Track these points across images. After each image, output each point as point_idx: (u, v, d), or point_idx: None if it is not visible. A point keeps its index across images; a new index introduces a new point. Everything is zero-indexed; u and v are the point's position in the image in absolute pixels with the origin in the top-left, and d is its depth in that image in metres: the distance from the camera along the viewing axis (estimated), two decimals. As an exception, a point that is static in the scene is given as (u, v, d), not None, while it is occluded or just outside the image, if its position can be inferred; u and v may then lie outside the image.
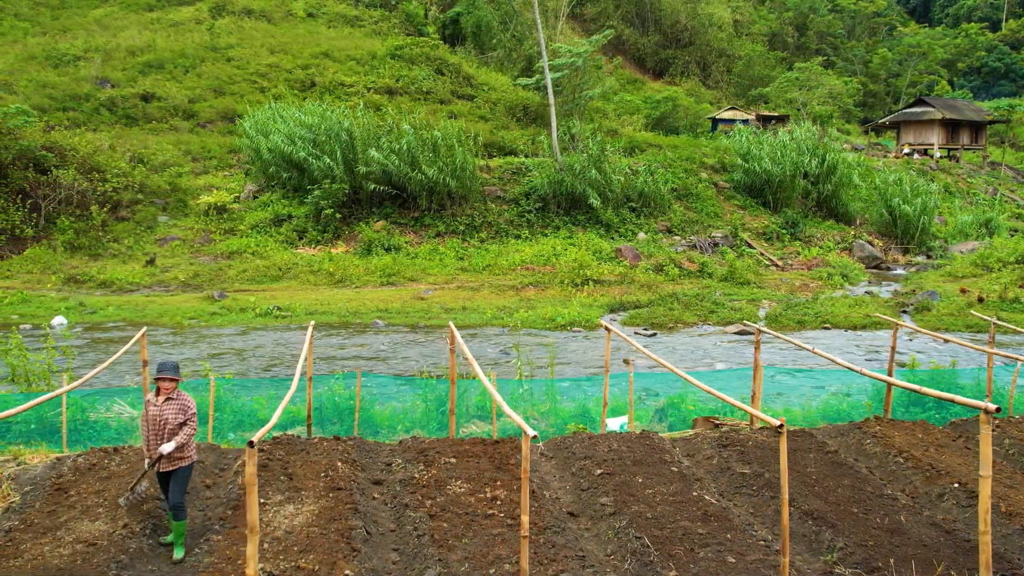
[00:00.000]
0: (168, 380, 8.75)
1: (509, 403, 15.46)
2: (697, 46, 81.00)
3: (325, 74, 53.92)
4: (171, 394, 8.78)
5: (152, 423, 8.75)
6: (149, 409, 8.77)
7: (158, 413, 8.74)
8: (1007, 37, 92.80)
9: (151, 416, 8.76)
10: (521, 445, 11.84)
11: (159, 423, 8.73)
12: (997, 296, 29.34)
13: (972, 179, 51.96)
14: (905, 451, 11.82)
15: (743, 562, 8.62)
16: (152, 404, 8.78)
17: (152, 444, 8.75)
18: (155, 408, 8.75)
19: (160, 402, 8.75)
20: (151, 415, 8.76)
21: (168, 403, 8.76)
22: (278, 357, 21.91)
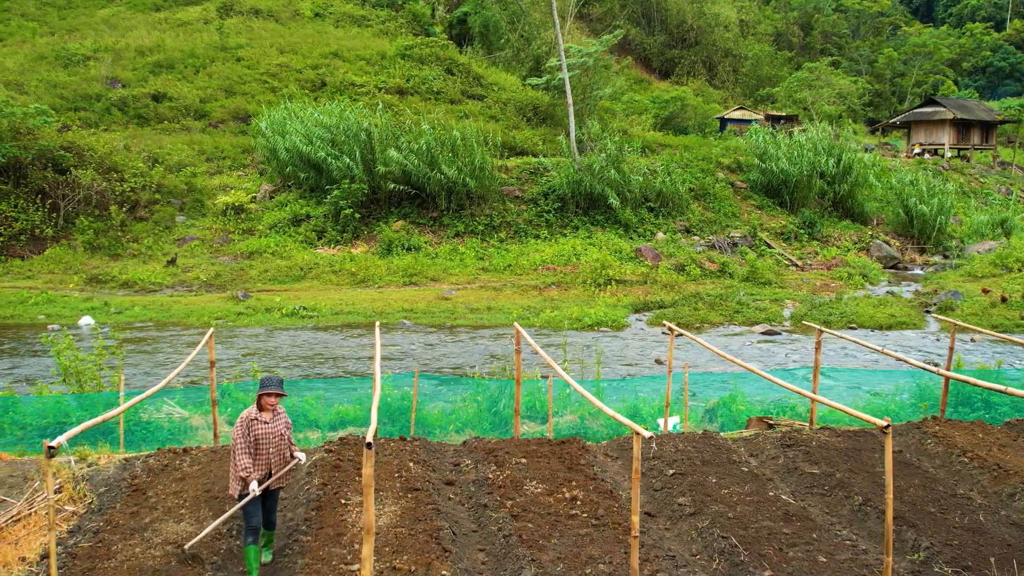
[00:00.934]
0: (275, 396, 8.34)
1: (557, 404, 15.54)
2: (703, 46, 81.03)
3: (336, 74, 53.88)
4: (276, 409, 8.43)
5: (266, 440, 8.25)
6: (256, 427, 8.21)
7: (271, 430, 8.30)
8: (1012, 37, 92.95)
9: (262, 433, 8.23)
10: (589, 446, 11.90)
11: (275, 439, 8.32)
12: (1020, 296, 29.37)
13: (984, 179, 52.05)
14: (969, 451, 11.83)
15: (834, 562, 8.61)
16: (260, 422, 8.25)
17: (274, 462, 8.33)
18: (265, 425, 8.26)
19: (268, 418, 8.31)
20: (261, 433, 8.23)
21: (276, 418, 8.38)
22: (315, 357, 21.88)
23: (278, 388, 8.39)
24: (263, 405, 8.28)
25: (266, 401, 8.28)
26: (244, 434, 8.18)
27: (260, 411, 8.29)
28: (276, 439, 8.31)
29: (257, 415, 8.27)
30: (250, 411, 8.29)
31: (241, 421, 8.22)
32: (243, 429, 8.19)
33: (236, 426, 8.17)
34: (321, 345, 23.26)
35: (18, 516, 9.50)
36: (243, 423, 8.21)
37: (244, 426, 8.20)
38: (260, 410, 8.30)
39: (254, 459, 8.17)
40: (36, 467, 11.05)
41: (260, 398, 8.28)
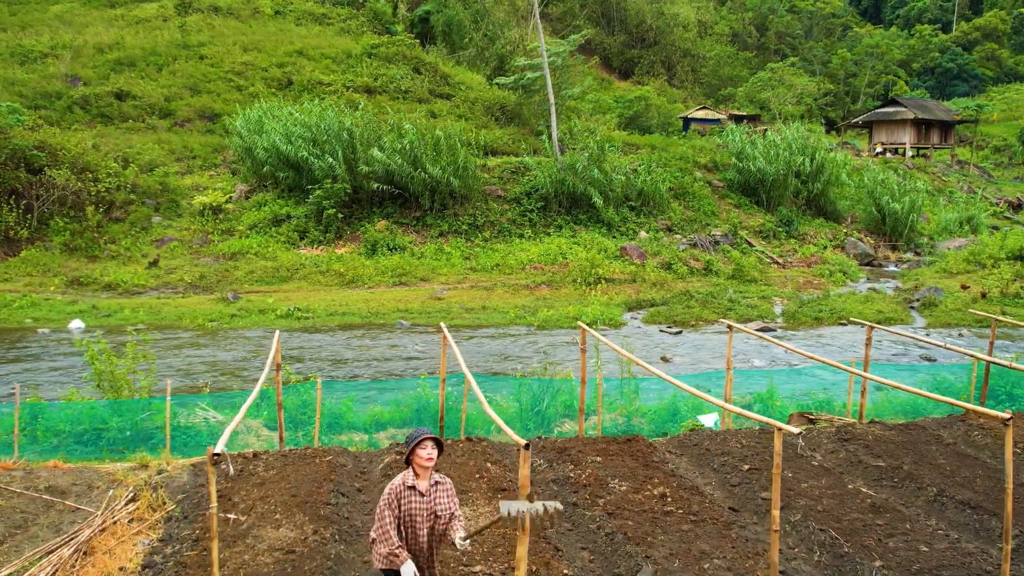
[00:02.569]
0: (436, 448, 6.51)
1: (590, 403, 15.54)
2: (662, 46, 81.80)
3: (302, 72, 53.27)
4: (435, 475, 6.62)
5: (420, 517, 6.47)
6: (410, 501, 6.43)
7: (427, 506, 6.48)
8: (959, 38, 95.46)
9: (416, 510, 6.45)
10: (654, 443, 11.94)
11: (430, 516, 6.51)
12: (999, 291, 30.17)
13: (947, 177, 53.36)
14: (1019, 441, 12.12)
15: (935, 551, 8.77)
16: (416, 492, 6.43)
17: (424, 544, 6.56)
18: (421, 499, 6.45)
19: (425, 487, 6.47)
20: (416, 508, 6.44)
21: (436, 488, 6.55)
22: (327, 359, 21.62)
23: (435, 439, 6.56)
24: (421, 464, 6.43)
25: (424, 459, 6.40)
26: (392, 507, 6.39)
27: (416, 476, 6.45)
28: (431, 518, 6.51)
29: (414, 482, 6.43)
30: (405, 477, 6.44)
31: (392, 490, 6.41)
32: (393, 499, 6.40)
33: (386, 494, 6.44)
34: (327, 347, 22.99)
35: (103, 526, 9.25)
36: (394, 493, 6.40)
37: (394, 497, 6.40)
38: (415, 474, 6.46)
39: (404, 539, 6.47)
40: (98, 475, 10.77)
41: (414, 454, 6.43)
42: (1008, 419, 7.69)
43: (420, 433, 6.47)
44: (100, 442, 13.34)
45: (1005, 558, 7.94)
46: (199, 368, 20.45)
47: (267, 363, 11.06)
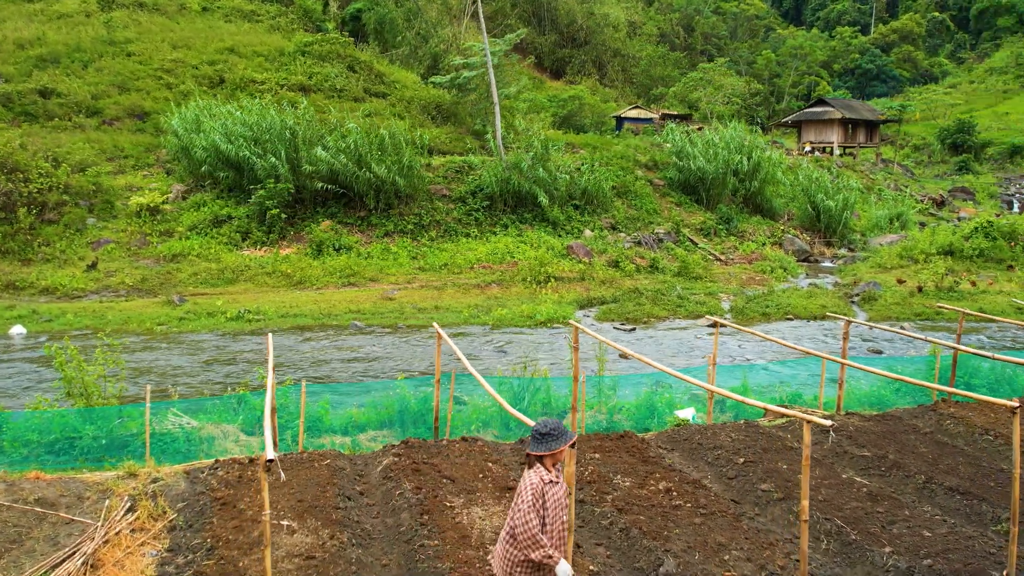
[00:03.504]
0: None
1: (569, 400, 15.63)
2: (593, 46, 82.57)
3: (234, 70, 52.25)
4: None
5: (558, 508, 6.26)
6: (555, 494, 6.22)
7: (563, 494, 6.35)
8: (877, 40, 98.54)
9: (559, 500, 6.25)
10: (645, 438, 12.08)
11: (564, 507, 6.38)
12: (934, 286, 31.24)
13: (875, 176, 55.02)
14: (990, 429, 12.63)
15: (937, 535, 9.06)
16: (554, 484, 6.23)
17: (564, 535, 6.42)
18: (556, 487, 6.25)
19: (556, 476, 6.30)
20: (557, 498, 6.24)
21: (560, 477, 6.40)
22: (287, 362, 21.26)
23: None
24: (559, 459, 6.34)
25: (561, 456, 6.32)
26: (538, 508, 6.07)
27: (547, 470, 6.25)
28: (564, 508, 6.38)
29: (550, 476, 6.22)
30: (540, 473, 6.17)
31: (535, 490, 6.10)
32: (538, 499, 6.08)
33: (529, 489, 6.09)
34: (285, 350, 22.61)
35: (105, 537, 8.96)
36: (538, 492, 6.10)
37: (539, 495, 6.09)
38: (546, 469, 6.26)
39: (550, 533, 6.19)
40: (85, 485, 10.42)
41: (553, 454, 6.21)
42: (1016, 407, 7.99)
43: (568, 432, 6.29)
44: (74, 451, 12.91)
45: (1012, 540, 8.25)
46: (156, 374, 19.92)
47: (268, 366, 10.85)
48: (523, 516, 6.04)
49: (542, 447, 6.17)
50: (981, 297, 30.14)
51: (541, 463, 6.22)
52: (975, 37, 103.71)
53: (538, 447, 6.19)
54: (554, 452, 6.17)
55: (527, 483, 6.12)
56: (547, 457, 6.20)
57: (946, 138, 67.05)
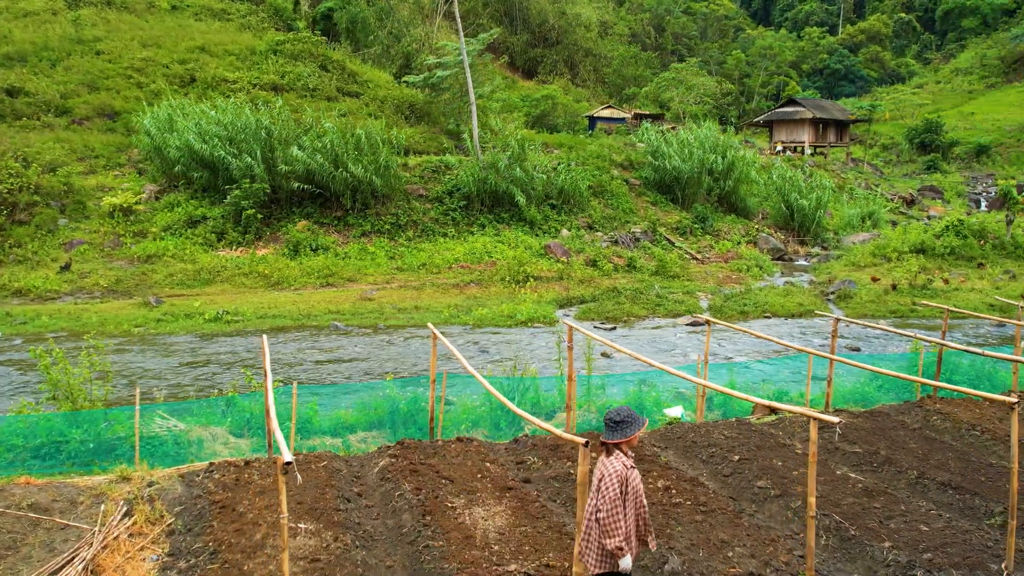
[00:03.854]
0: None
1: (558, 399, 15.67)
2: (565, 45, 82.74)
3: (206, 69, 51.75)
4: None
5: (641, 490, 6.54)
6: (635, 477, 6.48)
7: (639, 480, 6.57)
8: (845, 41, 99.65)
9: (639, 484, 6.51)
10: (640, 438, 12.10)
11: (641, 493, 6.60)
12: (907, 284, 31.63)
13: (846, 175, 55.63)
14: (976, 425, 12.81)
15: (933, 530, 9.18)
16: (633, 467, 6.48)
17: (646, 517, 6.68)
18: (635, 472, 6.49)
19: (632, 463, 6.52)
20: (639, 482, 6.51)
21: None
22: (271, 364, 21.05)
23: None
24: (633, 444, 6.59)
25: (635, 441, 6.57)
26: (622, 493, 6.27)
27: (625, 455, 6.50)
28: (642, 492, 6.59)
29: (630, 460, 6.48)
30: (621, 459, 6.40)
31: (619, 475, 6.30)
32: (622, 484, 6.28)
33: (613, 475, 6.30)
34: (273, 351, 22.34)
35: (104, 542, 8.85)
36: (620, 477, 6.29)
37: (622, 480, 6.28)
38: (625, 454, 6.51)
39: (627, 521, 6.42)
40: (77, 489, 10.29)
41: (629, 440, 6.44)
42: (1015, 403, 8.11)
43: (640, 418, 6.52)
44: (61, 455, 12.73)
45: (1010, 533, 8.38)
46: (137, 376, 19.69)
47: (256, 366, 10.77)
48: (609, 503, 6.25)
49: (618, 434, 6.40)
50: (954, 294, 30.56)
51: (619, 449, 6.43)
52: (941, 38, 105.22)
53: (614, 435, 6.41)
54: (630, 438, 6.40)
55: (610, 470, 6.31)
56: (623, 443, 6.43)
57: (914, 138, 67.96)
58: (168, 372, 20.08)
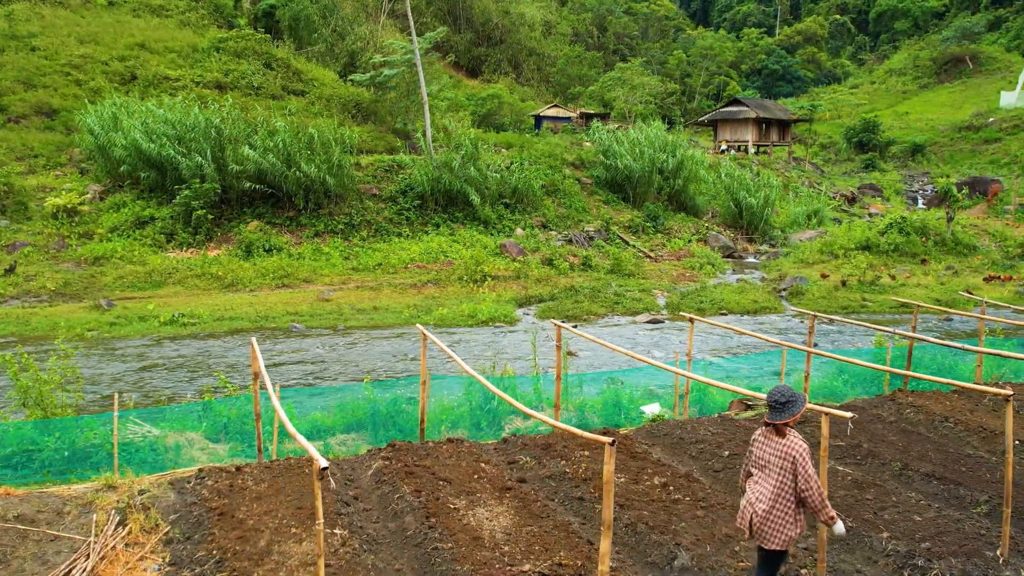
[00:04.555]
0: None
1: (535, 398, 15.72)
2: (509, 44, 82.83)
3: (147, 67, 50.68)
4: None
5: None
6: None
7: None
8: (783, 42, 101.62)
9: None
10: (627, 434, 12.20)
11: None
12: (856, 280, 32.37)
13: (789, 173, 56.67)
14: (949, 417, 13.16)
15: (926, 520, 9.41)
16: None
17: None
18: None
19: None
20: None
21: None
22: (231, 367, 20.74)
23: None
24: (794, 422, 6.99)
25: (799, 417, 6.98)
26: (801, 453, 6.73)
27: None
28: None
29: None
30: (799, 437, 6.92)
31: (809, 454, 6.84)
32: (810, 455, 6.82)
33: (805, 455, 6.78)
34: (226, 354, 22.07)
35: (101, 553, 8.62)
36: (810, 454, 6.84)
37: (810, 454, 6.84)
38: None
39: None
40: (61, 499, 10.00)
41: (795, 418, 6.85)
42: (1010, 395, 8.36)
43: (802, 396, 6.86)
44: (33, 464, 12.36)
45: (1005, 521, 8.64)
46: (96, 382, 19.20)
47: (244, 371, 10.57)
48: (814, 479, 6.74)
49: (785, 414, 6.78)
50: (901, 290, 31.33)
51: (788, 427, 6.84)
52: (874, 40, 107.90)
53: (781, 415, 6.79)
54: (796, 416, 6.77)
55: (799, 450, 6.75)
56: (790, 422, 6.80)
57: (852, 137, 69.54)
58: (129, 377, 19.63)
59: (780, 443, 6.85)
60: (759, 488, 7.01)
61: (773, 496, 6.88)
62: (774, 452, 6.91)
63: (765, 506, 6.91)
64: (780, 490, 6.86)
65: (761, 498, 6.98)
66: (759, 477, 7.05)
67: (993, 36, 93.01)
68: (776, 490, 6.87)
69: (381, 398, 14.42)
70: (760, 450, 7.06)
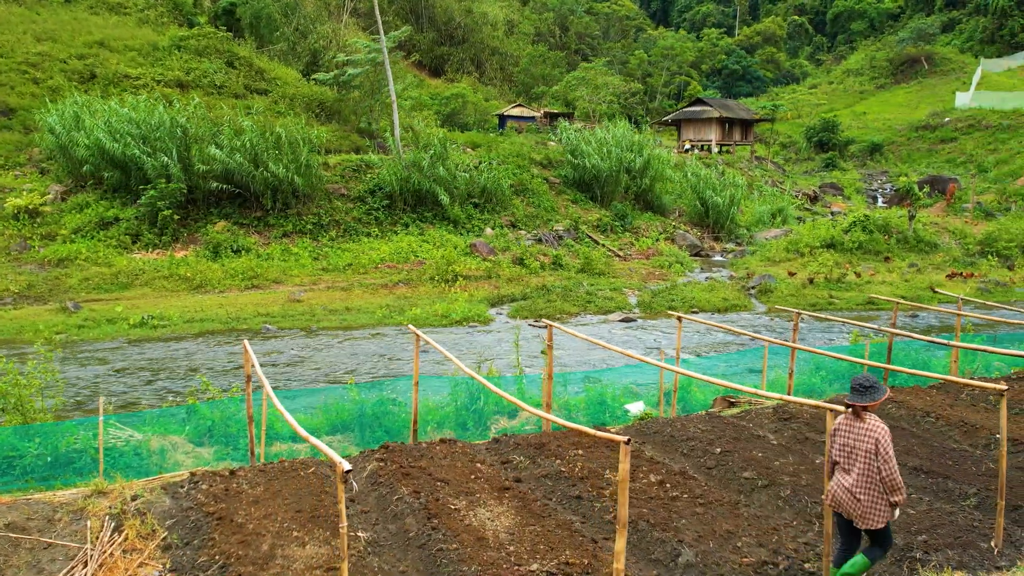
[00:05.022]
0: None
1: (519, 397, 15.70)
2: (471, 44, 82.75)
3: (106, 65, 49.86)
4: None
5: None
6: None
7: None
8: (742, 42, 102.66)
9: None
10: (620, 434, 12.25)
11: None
12: (823, 277, 32.81)
13: (753, 172, 57.27)
14: (931, 412, 13.39)
15: (920, 512, 9.59)
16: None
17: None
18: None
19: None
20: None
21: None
22: (206, 369, 20.49)
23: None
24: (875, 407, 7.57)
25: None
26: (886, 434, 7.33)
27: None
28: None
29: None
30: (879, 421, 7.48)
31: (890, 436, 7.43)
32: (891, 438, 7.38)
33: (887, 438, 7.32)
34: (199, 356, 21.79)
35: (99, 560, 8.48)
36: (890, 436, 7.43)
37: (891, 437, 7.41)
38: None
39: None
40: (50, 506, 9.81)
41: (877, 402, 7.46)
42: (1005, 389, 8.54)
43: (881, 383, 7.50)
44: (15, 471, 12.11)
45: (999, 513, 8.81)
46: (70, 386, 18.85)
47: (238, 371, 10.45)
48: (892, 464, 7.26)
49: (867, 398, 7.40)
50: (867, 287, 31.86)
51: (867, 412, 7.42)
52: (831, 40, 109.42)
53: (863, 398, 7.40)
54: (878, 401, 7.37)
55: (881, 431, 7.31)
56: (871, 406, 7.39)
57: (812, 136, 70.44)
58: (104, 380, 19.31)
59: (863, 427, 7.38)
60: (849, 476, 7.48)
61: (864, 480, 7.36)
62: (858, 437, 7.42)
63: (860, 491, 7.38)
64: (868, 472, 7.34)
65: (854, 485, 7.45)
66: (846, 464, 7.53)
67: (947, 37, 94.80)
68: (865, 473, 7.35)
69: (367, 399, 14.33)
70: (844, 438, 7.56)
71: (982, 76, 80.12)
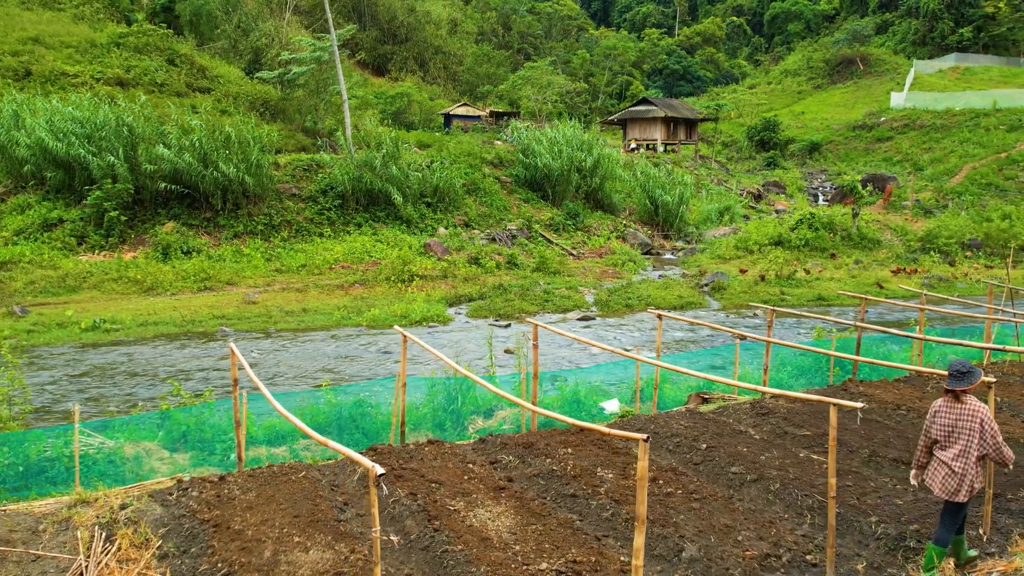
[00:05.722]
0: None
1: (493, 397, 15.70)
2: (415, 42, 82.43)
3: (42, 62, 48.59)
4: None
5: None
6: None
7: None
8: (683, 43, 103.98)
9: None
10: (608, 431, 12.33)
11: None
12: (774, 275, 33.39)
13: (699, 171, 58.01)
14: (901, 404, 13.75)
15: (907, 503, 9.84)
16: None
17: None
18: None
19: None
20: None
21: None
22: (173, 374, 20.06)
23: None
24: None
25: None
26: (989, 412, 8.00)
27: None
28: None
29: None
30: (979, 402, 8.03)
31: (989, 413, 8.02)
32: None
33: (989, 417, 7.90)
34: (157, 360, 21.33)
35: (97, 574, 8.25)
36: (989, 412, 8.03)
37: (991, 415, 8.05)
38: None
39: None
40: (32, 517, 9.53)
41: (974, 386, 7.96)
42: (992, 383, 8.81)
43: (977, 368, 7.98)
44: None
45: (987, 501, 9.09)
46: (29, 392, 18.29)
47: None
48: (997, 436, 7.86)
49: (964, 382, 7.90)
50: (816, 283, 32.53)
51: (965, 394, 7.96)
52: (769, 41, 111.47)
53: (960, 382, 7.91)
54: (975, 384, 7.90)
55: (982, 411, 7.90)
56: (969, 389, 7.90)
57: (754, 136, 71.61)
58: (61, 386, 18.79)
59: (963, 408, 7.94)
60: (949, 452, 8.02)
61: (963, 456, 7.92)
62: (959, 416, 7.98)
63: (959, 465, 7.92)
64: (967, 449, 7.90)
65: (953, 459, 8.00)
66: (945, 443, 8.08)
67: (881, 39, 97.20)
68: (964, 450, 7.92)
69: (343, 401, 14.18)
70: (944, 418, 8.09)
71: (915, 77, 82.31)
